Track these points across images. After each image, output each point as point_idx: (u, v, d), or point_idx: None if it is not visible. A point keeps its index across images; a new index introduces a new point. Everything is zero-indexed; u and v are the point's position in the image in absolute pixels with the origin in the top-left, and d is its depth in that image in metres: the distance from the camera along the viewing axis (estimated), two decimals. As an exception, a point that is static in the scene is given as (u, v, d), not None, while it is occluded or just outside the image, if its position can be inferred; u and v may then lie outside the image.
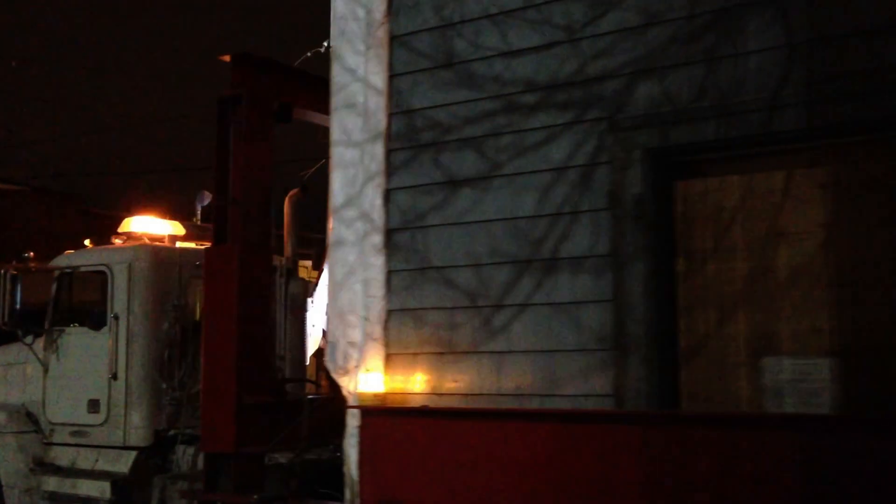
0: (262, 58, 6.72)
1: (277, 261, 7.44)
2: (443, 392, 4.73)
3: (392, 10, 4.98)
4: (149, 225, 8.55)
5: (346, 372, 4.87)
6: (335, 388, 4.99)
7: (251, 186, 6.51)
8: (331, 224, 5.04)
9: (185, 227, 8.81)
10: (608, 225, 4.37)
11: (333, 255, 5.03)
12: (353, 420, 4.76)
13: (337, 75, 5.03)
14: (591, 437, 4.15)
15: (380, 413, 4.61)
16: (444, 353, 4.75)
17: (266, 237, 6.73)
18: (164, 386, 7.54)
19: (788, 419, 3.97)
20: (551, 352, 4.49)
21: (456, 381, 4.71)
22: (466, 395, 4.67)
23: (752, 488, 3.62)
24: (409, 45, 4.95)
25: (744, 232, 4.34)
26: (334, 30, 5.07)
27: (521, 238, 4.59)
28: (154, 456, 7.64)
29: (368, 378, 4.74)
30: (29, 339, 7.97)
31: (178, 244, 8.37)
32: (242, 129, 6.43)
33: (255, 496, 6.19)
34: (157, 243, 8.30)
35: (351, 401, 4.78)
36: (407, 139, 4.92)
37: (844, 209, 4.04)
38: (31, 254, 8.39)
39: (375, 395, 4.67)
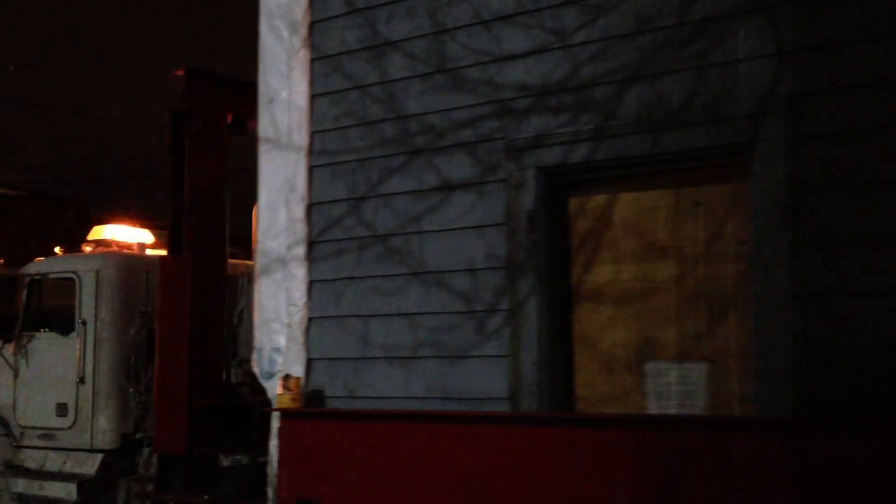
0: (215, 72, 7.01)
1: (243, 267, 7.72)
2: (359, 395, 5.03)
3: (312, 33, 5.29)
4: (118, 233, 8.87)
5: (270, 376, 5.18)
6: (263, 392, 5.30)
7: (205, 198, 6.80)
8: (257, 235, 5.36)
9: (155, 234, 9.11)
10: (500, 239, 4.66)
11: (259, 265, 5.35)
12: (276, 422, 5.07)
13: (262, 94, 5.35)
14: (485, 437, 4.46)
15: (296, 415, 4.92)
16: (359, 357, 5.05)
17: (220, 246, 7.02)
18: (131, 390, 7.81)
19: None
20: (451, 357, 4.78)
21: (370, 385, 5.01)
22: (381, 398, 4.97)
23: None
24: (329, 67, 5.26)
25: (630, 244, 4.63)
26: (260, 50, 5.39)
27: (435, 249, 4.89)
28: (121, 458, 7.92)
29: (286, 382, 5.04)
30: None
31: (149, 251, 8.66)
32: (196, 142, 6.72)
33: (206, 496, 6.49)
34: (126, 251, 8.61)
35: (273, 404, 5.09)
36: (327, 156, 5.23)
37: (714, 225, 4.33)
38: (2, 260, 8.72)
39: (292, 398, 4.97)
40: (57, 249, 9.12)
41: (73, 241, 10.80)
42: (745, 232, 4.22)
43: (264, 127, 5.36)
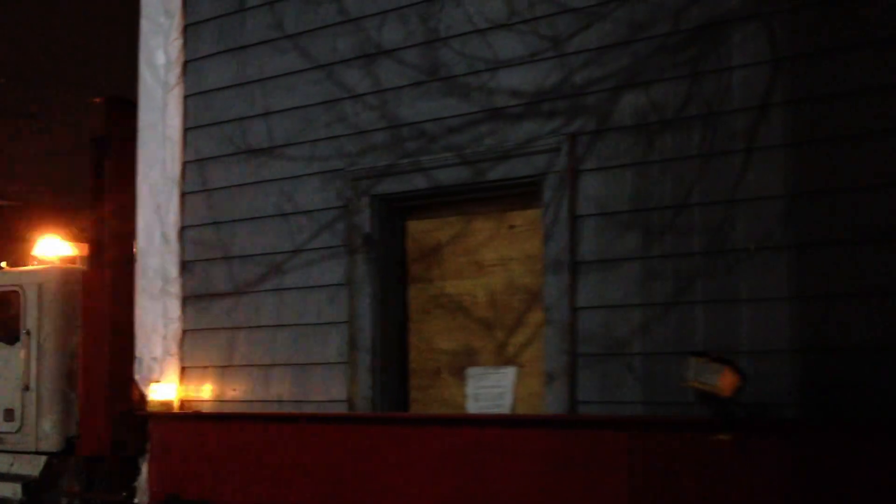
0: (132, 101, 7.54)
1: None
2: (225, 399, 5.58)
3: (186, 71, 5.84)
4: (61, 248, 9.44)
5: (149, 383, 5.73)
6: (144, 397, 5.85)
7: (124, 216, 7.33)
8: (138, 255, 5.91)
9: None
10: (343, 259, 5.19)
11: (140, 282, 5.90)
12: (149, 425, 5.62)
13: (141, 128, 5.91)
14: (325, 434, 4.99)
15: (164, 418, 5.47)
16: (226, 366, 5.59)
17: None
18: (73, 396, 8.36)
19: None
20: (303, 365, 5.32)
21: (235, 390, 5.56)
22: (243, 401, 5.52)
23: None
24: (200, 103, 5.81)
25: (456, 262, 5.16)
26: (140, 86, 5.94)
27: (275, 267, 5.43)
28: (65, 460, 8.47)
29: (160, 388, 5.60)
30: None
31: (87, 265, 9.19)
32: (114, 165, 7.26)
33: (124, 493, 7.04)
34: (67, 265, 9.17)
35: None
36: (197, 184, 5.78)
37: (522, 245, 4.85)
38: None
39: (163, 403, 5.52)
40: (3, 264, 9.69)
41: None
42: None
43: (142, 157, 5.91)
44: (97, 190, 7.38)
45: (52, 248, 9.29)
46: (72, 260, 9.26)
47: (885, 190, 3.71)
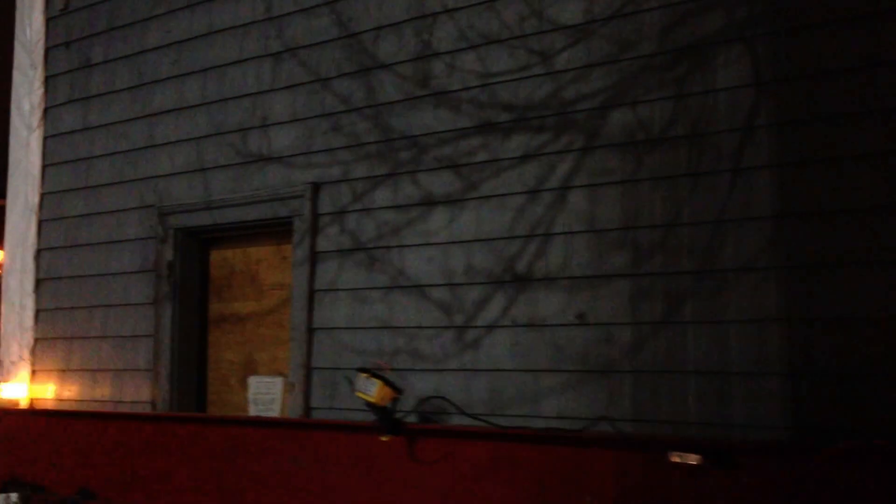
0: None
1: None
2: (63, 398, 6.55)
3: (46, 116, 6.85)
4: None
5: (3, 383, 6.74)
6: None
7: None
8: (4, 273, 6.92)
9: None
10: (152, 282, 6.14)
11: (4, 296, 6.90)
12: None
13: (10, 164, 6.92)
14: (130, 430, 5.92)
15: (9, 413, 6.46)
16: (65, 370, 6.57)
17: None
18: None
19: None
20: (120, 370, 6.27)
21: (70, 391, 6.53)
22: (77, 400, 6.48)
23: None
24: (56, 143, 6.81)
25: (244, 286, 6.08)
26: (10, 126, 6.95)
27: (104, 287, 6.40)
28: None
29: (9, 387, 6.59)
30: None
31: None
32: None
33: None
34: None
35: (2, 405, 6.65)
36: (51, 213, 6.78)
37: (288, 273, 5.77)
38: None
39: (11, 401, 6.51)
40: None
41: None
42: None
43: (10, 189, 6.92)
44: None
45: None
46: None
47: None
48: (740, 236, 3.94)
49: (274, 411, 5.84)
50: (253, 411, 5.95)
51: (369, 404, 4.63)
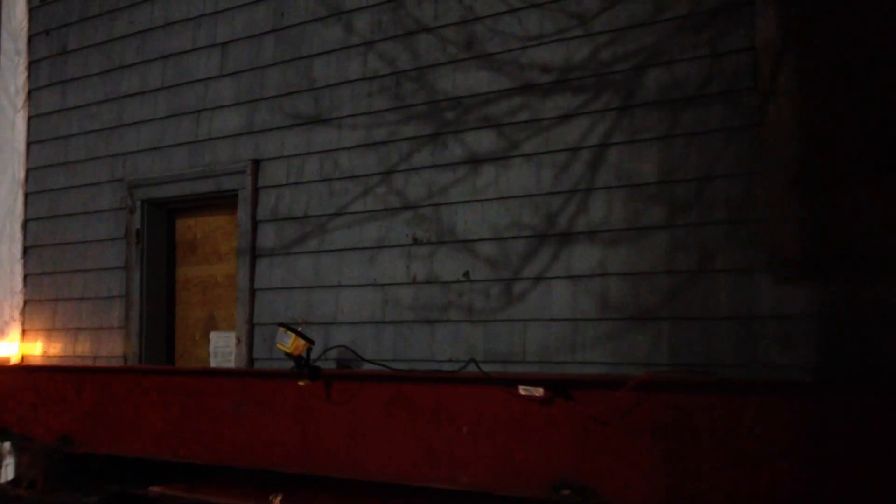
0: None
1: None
2: (50, 355, 7.28)
3: (30, 98, 7.52)
4: None
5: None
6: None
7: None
8: (-5, 243, 7.67)
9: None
10: (123, 248, 6.83)
11: (-5, 263, 7.65)
12: (-6, 373, 7.36)
13: (1, 151, 7.64)
14: (97, 382, 6.62)
15: (3, 368, 7.20)
16: (51, 329, 7.30)
17: None
18: None
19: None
20: (97, 329, 6.99)
21: (56, 349, 7.26)
22: (62, 356, 7.21)
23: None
24: (40, 123, 7.49)
25: (205, 251, 6.75)
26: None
27: (83, 253, 7.10)
28: None
29: (2, 346, 7.34)
30: None
31: None
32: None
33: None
34: None
35: (8, 361, 7.41)
36: (36, 186, 7.48)
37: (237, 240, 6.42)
38: None
39: (3, 358, 7.25)
40: None
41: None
42: (246, 246, 6.30)
43: (0, 164, 7.63)
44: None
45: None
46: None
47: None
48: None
49: (231, 363, 6.53)
50: (213, 363, 6.65)
51: (287, 354, 5.27)
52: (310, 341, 5.23)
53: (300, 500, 5.23)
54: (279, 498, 5.32)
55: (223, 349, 6.56)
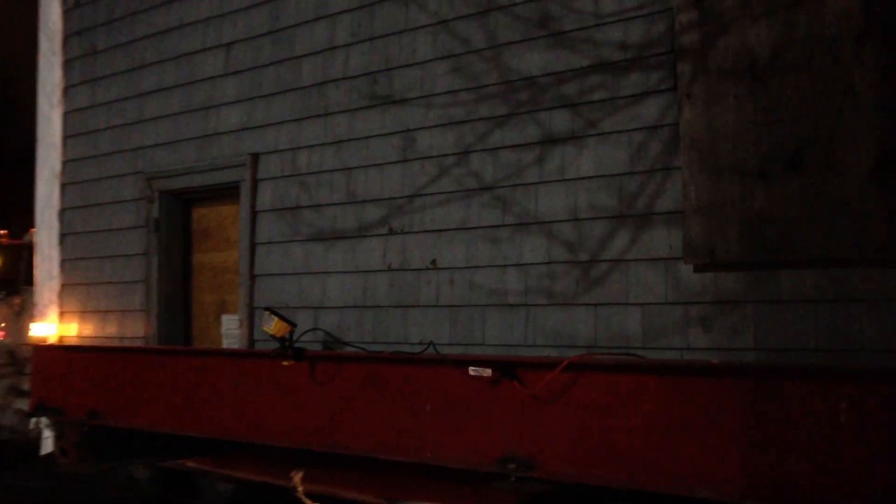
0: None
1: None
2: (84, 335, 7.86)
3: (66, 95, 8.09)
4: None
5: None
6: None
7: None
8: (36, 230, 8.26)
9: None
10: (144, 236, 7.34)
11: (36, 249, 8.25)
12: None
13: (38, 138, 8.21)
14: (122, 361, 7.15)
15: (39, 348, 7.80)
16: (84, 311, 7.87)
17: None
18: None
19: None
20: (123, 311, 7.53)
21: (88, 329, 7.83)
22: (93, 336, 7.78)
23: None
24: (73, 119, 8.05)
25: (217, 239, 7.20)
26: (37, 106, 8.23)
27: (110, 240, 7.63)
28: None
29: (40, 326, 7.94)
30: None
31: None
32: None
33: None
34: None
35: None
36: (71, 177, 8.04)
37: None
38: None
39: (42, 337, 7.85)
40: None
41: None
42: (250, 234, 6.71)
43: (39, 158, 8.22)
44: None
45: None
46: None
47: None
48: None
49: (237, 344, 6.96)
50: (225, 343, 7.10)
51: (271, 336, 5.66)
52: (291, 324, 5.61)
53: (321, 477, 5.52)
54: (300, 475, 5.67)
55: (233, 331, 6.99)
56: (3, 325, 12.07)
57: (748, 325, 4.33)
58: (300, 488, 5.60)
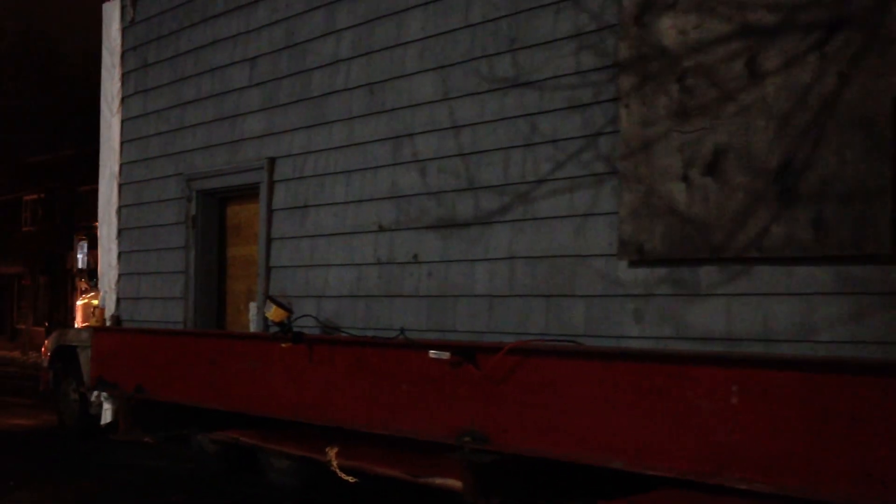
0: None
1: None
2: (136, 320, 8.76)
3: (123, 104, 9.01)
4: None
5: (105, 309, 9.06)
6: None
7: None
8: (99, 225, 9.23)
9: None
10: (183, 231, 8.18)
11: (99, 243, 9.21)
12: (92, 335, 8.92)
13: (101, 141, 9.16)
14: (166, 343, 8.01)
15: (100, 330, 8.74)
16: (137, 298, 8.78)
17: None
18: None
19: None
20: (166, 298, 8.38)
21: (141, 315, 8.73)
22: (143, 321, 8.66)
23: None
24: (130, 125, 8.96)
25: (247, 234, 7.98)
26: (101, 113, 9.17)
27: (155, 235, 8.50)
28: None
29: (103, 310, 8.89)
30: None
31: None
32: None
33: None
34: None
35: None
36: (127, 178, 8.96)
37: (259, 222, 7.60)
38: None
39: (97, 321, 8.80)
40: None
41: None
42: (270, 230, 7.44)
43: (101, 160, 9.18)
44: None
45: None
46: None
47: None
48: None
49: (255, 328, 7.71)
50: (252, 328, 7.86)
51: (270, 321, 6.36)
52: (288, 310, 6.30)
53: (354, 453, 6.09)
54: (335, 450, 6.31)
55: (255, 317, 7.74)
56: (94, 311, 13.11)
57: (672, 315, 4.75)
58: (335, 462, 6.21)
